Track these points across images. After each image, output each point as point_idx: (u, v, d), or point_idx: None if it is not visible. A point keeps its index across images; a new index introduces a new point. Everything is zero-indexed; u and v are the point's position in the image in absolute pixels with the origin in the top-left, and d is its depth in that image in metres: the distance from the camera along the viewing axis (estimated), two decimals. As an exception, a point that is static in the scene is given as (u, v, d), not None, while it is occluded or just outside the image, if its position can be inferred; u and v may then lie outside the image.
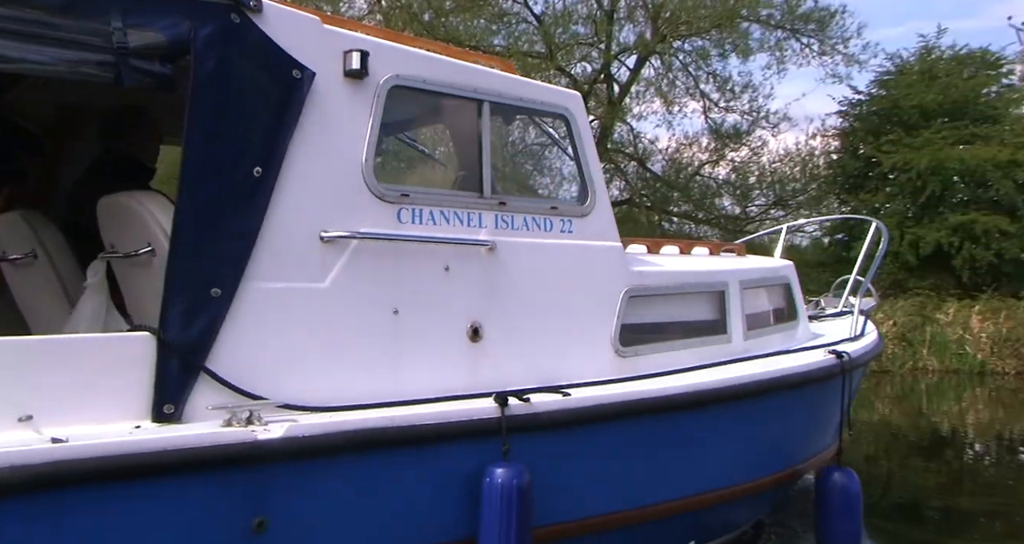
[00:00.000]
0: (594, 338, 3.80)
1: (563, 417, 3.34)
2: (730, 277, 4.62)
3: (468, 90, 3.50)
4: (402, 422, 2.94)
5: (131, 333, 2.72)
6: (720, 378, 4.05)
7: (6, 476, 2.17)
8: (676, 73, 22.32)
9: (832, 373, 4.72)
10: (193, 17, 2.69)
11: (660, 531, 3.94)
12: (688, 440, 3.93)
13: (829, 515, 4.65)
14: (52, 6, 2.45)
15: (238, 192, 2.80)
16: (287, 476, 2.72)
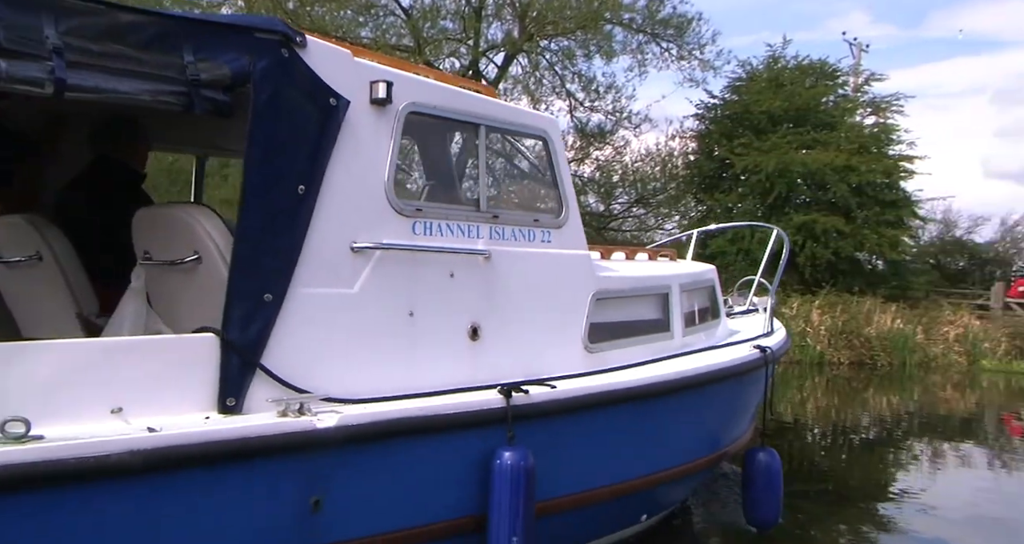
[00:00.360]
0: (568, 336, 4.25)
1: (555, 407, 3.81)
2: (672, 281, 5.17)
3: (469, 115, 3.89)
4: (430, 412, 3.36)
5: (199, 334, 2.98)
6: (676, 371, 4.63)
7: (122, 460, 2.51)
8: (543, 72, 22.73)
9: (757, 365, 5.39)
10: (251, 51, 3.00)
11: (625, 506, 4.56)
12: (650, 425, 4.47)
13: (755, 489, 5.29)
14: (137, 43, 2.74)
15: (286, 209, 3.12)
16: (338, 460, 3.07)
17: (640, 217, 24.66)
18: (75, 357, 2.71)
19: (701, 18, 21.71)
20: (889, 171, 22.58)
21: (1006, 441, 11.21)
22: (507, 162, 4.44)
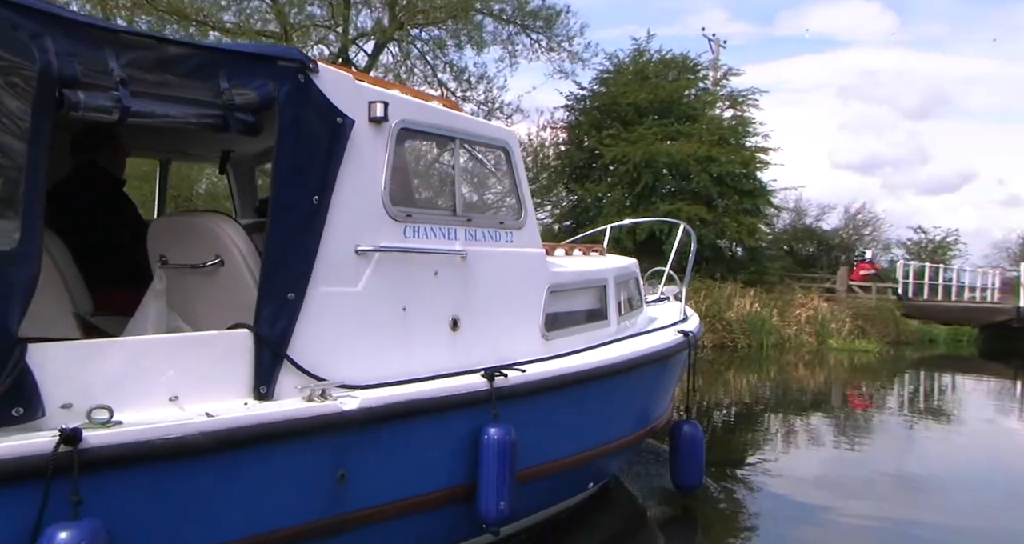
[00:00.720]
0: (529, 325, 4.75)
1: (529, 388, 4.32)
2: (608, 274, 5.70)
3: (447, 130, 4.34)
4: (434, 394, 3.83)
5: (235, 330, 3.33)
6: (623, 354, 5.23)
7: (196, 440, 2.89)
8: (414, 61, 22.58)
9: (682, 348, 6.12)
10: (275, 78, 3.37)
11: (582, 474, 5.17)
12: (603, 402, 5.07)
13: (681, 457, 5.95)
14: (182, 72, 3.10)
15: (305, 217, 3.50)
16: (359, 438, 3.49)
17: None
18: (141, 352, 3.08)
19: (569, 11, 22.14)
20: (746, 162, 23.78)
21: (850, 412, 12.18)
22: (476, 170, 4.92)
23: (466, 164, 4.75)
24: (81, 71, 2.80)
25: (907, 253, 35.86)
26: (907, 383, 16.52)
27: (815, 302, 22.80)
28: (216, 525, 3.05)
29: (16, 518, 2.54)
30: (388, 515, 3.68)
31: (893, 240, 37.85)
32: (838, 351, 20.68)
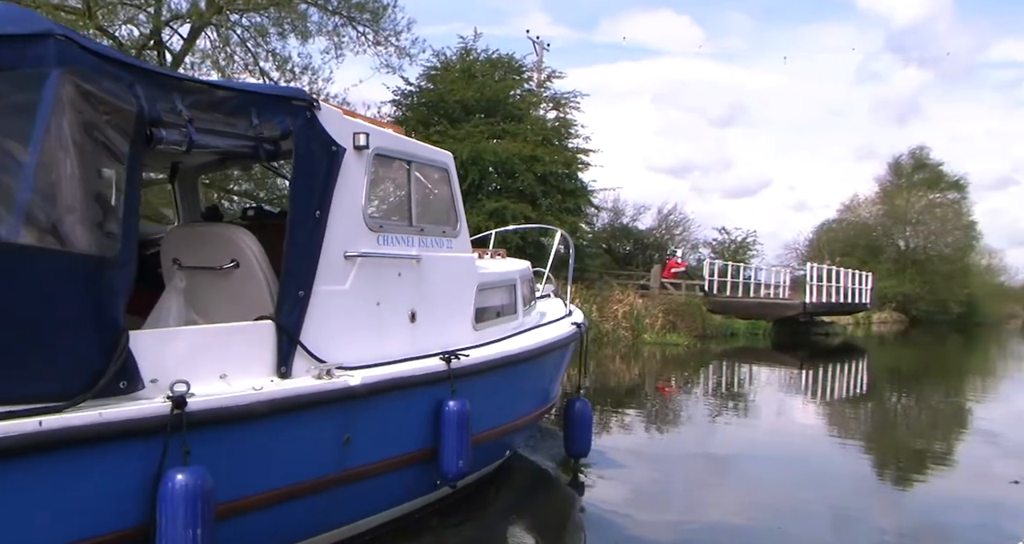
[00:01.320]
0: (464, 318, 5.70)
1: (476, 370, 5.30)
2: (515, 275, 6.71)
3: (406, 155, 5.25)
4: (414, 373, 4.80)
5: (261, 321, 4.12)
6: (538, 341, 6.37)
7: (259, 407, 3.75)
8: (234, 48, 21.62)
9: (576, 337, 7.37)
10: (291, 114, 4.22)
11: (505, 442, 6.27)
12: (525, 381, 6.28)
13: (573, 428, 7.14)
14: (226, 111, 3.91)
15: (311, 229, 4.32)
16: (361, 408, 4.38)
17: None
18: (199, 339, 3.85)
19: (396, 5, 21.98)
20: (569, 162, 24.68)
21: (662, 400, 13.00)
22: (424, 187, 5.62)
23: (417, 182, 5.43)
24: (162, 112, 3.57)
25: (712, 252, 38.59)
26: (711, 373, 17.81)
27: (631, 298, 24.00)
28: (270, 474, 3.94)
29: (142, 464, 3.34)
30: (378, 471, 4.66)
31: (700, 240, 40.64)
32: (651, 344, 21.92)
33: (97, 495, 3.25)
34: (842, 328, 34.71)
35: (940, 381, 19.27)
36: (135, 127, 3.40)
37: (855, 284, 34.04)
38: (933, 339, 36.80)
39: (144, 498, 3.34)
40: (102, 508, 3.27)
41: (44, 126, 3.06)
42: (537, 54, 30.33)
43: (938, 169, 52.70)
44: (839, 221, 53.01)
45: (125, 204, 3.34)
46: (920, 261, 49.18)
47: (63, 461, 3.13)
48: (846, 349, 28.04)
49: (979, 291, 53.20)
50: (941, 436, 11.08)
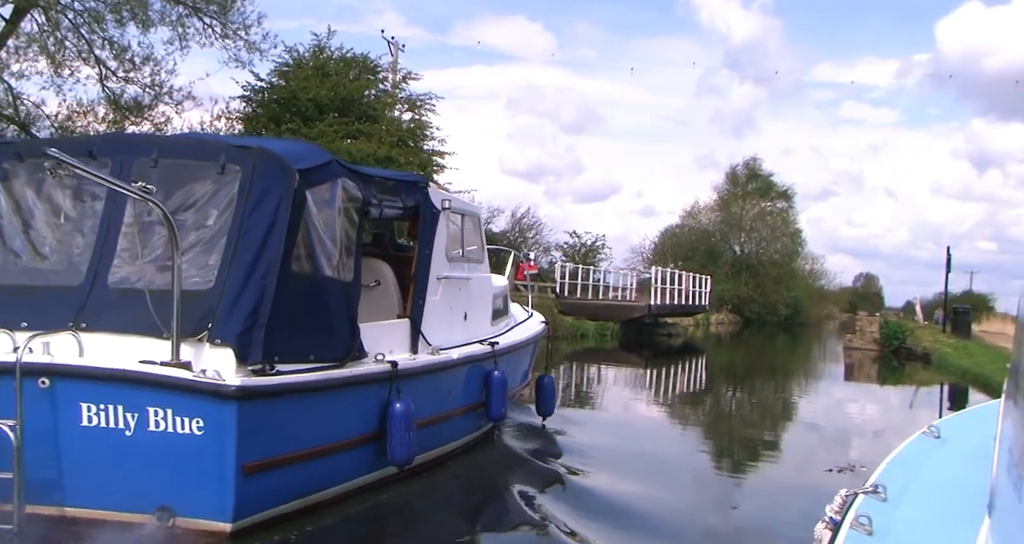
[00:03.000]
0: (487, 316, 8.41)
1: (505, 351, 8.04)
2: (505, 286, 9.74)
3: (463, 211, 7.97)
4: (478, 352, 7.48)
5: (402, 319, 6.65)
6: (528, 333, 9.37)
7: (421, 368, 6.38)
8: (66, 33, 20.20)
9: (544, 332, 10.34)
10: (419, 192, 6.87)
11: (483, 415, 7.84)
12: (525, 359, 9.34)
13: (542, 396, 9.39)
14: (390, 191, 6.47)
15: (426, 262, 6.82)
16: (455, 373, 7.03)
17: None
18: (381, 329, 6.26)
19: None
20: (424, 164, 24.64)
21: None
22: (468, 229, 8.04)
23: (466, 228, 7.95)
24: (369, 197, 6.11)
25: (563, 255, 39.69)
26: (562, 374, 18.37)
27: (485, 300, 24.25)
28: (431, 406, 6.48)
29: (377, 400, 5.81)
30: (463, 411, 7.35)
31: (552, 243, 41.69)
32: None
33: (359, 412, 5.80)
34: (684, 329, 36.62)
35: (769, 378, 20.76)
36: (361, 207, 6.02)
37: (695, 287, 36.02)
38: (764, 338, 39.51)
39: (380, 415, 5.87)
40: (362, 419, 5.81)
41: (334, 207, 5.69)
42: (392, 55, 30.09)
43: (769, 179, 56.58)
44: (681, 227, 55.86)
45: (356, 252, 5.94)
46: (753, 265, 52.63)
47: (344, 393, 5.64)
48: (687, 349, 29.62)
49: (803, 294, 57.54)
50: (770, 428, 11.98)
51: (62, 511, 4.68)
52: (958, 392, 17.63)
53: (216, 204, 5.14)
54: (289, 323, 5.10)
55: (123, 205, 5.18)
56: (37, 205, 5.44)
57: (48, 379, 4.65)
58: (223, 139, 6.49)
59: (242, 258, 4.96)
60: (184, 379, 4.59)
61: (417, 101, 26.14)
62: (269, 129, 23.32)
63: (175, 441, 4.60)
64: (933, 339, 27.13)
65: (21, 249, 5.41)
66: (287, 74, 24.05)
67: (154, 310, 4.73)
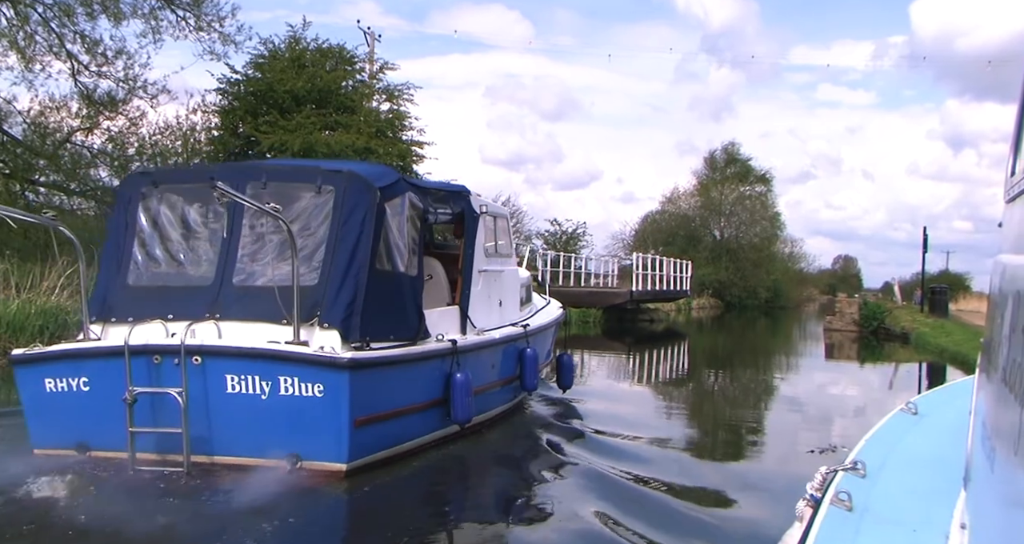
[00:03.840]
0: (517, 304, 9.86)
1: (535, 332, 9.57)
2: (528, 277, 11.17)
3: (496, 213, 9.53)
4: (514, 333, 9.01)
5: (453, 306, 8.08)
6: (551, 317, 10.80)
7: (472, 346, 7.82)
8: (36, 26, 19.95)
9: (563, 316, 11.86)
10: (464, 200, 8.41)
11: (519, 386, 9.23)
12: (549, 338, 10.71)
13: (562, 371, 10.55)
14: (443, 200, 8.10)
15: (470, 258, 8.29)
16: (496, 349, 8.48)
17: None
18: (440, 313, 7.71)
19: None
20: (403, 155, 24.52)
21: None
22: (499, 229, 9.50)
23: (499, 227, 9.37)
24: (427, 206, 7.59)
25: (545, 243, 39.72)
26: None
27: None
28: (481, 377, 7.78)
29: (441, 371, 7.15)
30: (503, 383, 8.70)
31: (534, 231, 41.69)
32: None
33: (430, 380, 7.08)
34: (665, 314, 36.83)
35: (751, 361, 20.95)
36: (421, 214, 7.50)
37: (676, 272, 36.20)
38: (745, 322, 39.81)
39: (445, 383, 7.18)
40: (432, 386, 7.10)
41: (403, 216, 7.08)
42: (369, 45, 29.89)
43: (747, 164, 56.92)
44: (661, 212, 56.07)
45: (419, 251, 7.38)
46: (733, 250, 52.95)
47: (419, 365, 6.97)
48: (669, 334, 29.82)
49: (783, 277, 58.03)
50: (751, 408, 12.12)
51: (212, 459, 5.99)
52: (936, 370, 17.91)
53: (316, 217, 6.54)
54: (376, 310, 6.44)
55: (241, 220, 6.60)
56: (171, 221, 6.84)
57: (200, 357, 5.93)
58: (319, 164, 7.44)
59: (339, 260, 6.35)
60: (308, 354, 5.91)
61: (395, 91, 25.95)
62: (246, 122, 23.14)
63: (301, 402, 5.85)
64: (911, 319, 27.48)
65: (160, 257, 6.82)
66: (263, 66, 23.83)
67: (280, 301, 6.09)
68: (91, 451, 6.14)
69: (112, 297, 6.72)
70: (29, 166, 20.62)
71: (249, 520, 5.00)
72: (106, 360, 6.03)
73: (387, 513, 5.57)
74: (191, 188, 6.88)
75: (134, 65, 21.19)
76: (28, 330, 12.78)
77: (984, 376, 2.42)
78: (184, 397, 5.84)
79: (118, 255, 6.84)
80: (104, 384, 5.99)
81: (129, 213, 6.91)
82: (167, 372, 5.92)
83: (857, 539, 2.31)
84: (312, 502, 5.51)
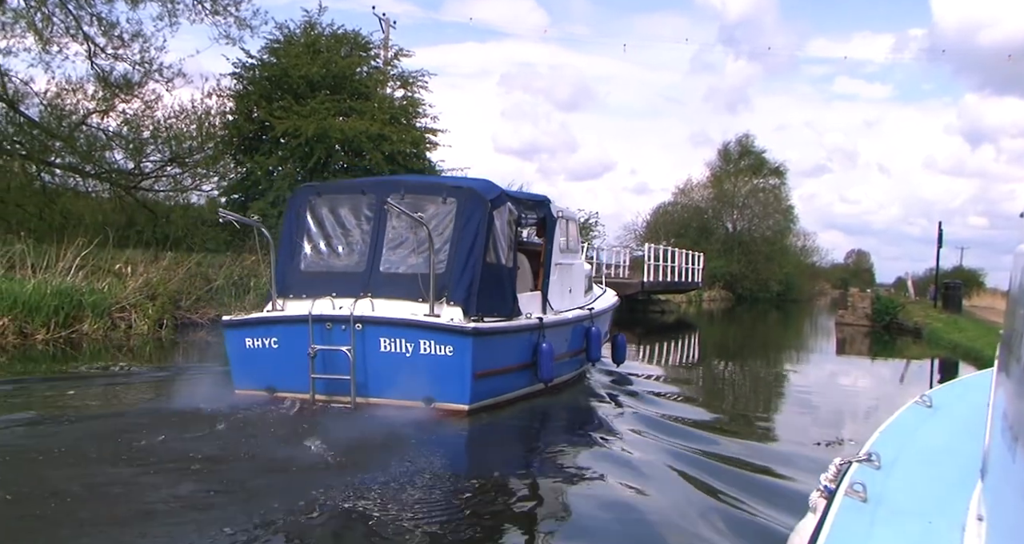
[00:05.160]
0: (582, 292, 11.71)
1: (599, 314, 11.55)
2: (590, 271, 13.19)
3: (567, 216, 11.34)
4: (584, 314, 10.92)
5: (535, 292, 9.92)
6: (609, 303, 12.86)
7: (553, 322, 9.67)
8: (52, 9, 20.00)
9: (618, 303, 13.76)
10: (547, 208, 10.31)
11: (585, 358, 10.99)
12: (608, 320, 12.73)
13: (618, 350, 12.19)
14: (530, 208, 10.26)
15: (551, 254, 10.13)
16: (569, 328, 10.27)
17: (175, 177, 23.28)
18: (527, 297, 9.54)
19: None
20: (417, 142, 24.50)
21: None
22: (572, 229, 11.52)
23: (569, 226, 11.04)
24: (520, 212, 9.63)
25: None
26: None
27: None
28: (561, 347, 9.68)
29: (531, 341, 9.03)
30: (571, 355, 10.39)
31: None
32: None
33: (523, 347, 8.86)
34: (676, 306, 36.77)
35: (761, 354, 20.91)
36: (516, 219, 9.35)
37: (688, 264, 36.10)
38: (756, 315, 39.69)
39: (533, 350, 8.92)
40: (524, 352, 8.87)
41: (504, 221, 8.98)
42: (383, 31, 29.83)
43: (761, 156, 56.57)
44: (674, 204, 55.87)
45: (514, 248, 9.22)
46: (745, 242, 52.74)
47: (516, 336, 8.79)
48: (680, 326, 29.77)
49: (795, 270, 57.78)
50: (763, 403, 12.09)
51: (369, 400, 7.89)
52: (948, 366, 17.81)
53: (442, 221, 8.44)
54: (486, 292, 8.37)
55: (384, 221, 8.55)
56: (331, 222, 8.77)
57: (361, 325, 7.86)
58: (443, 181, 10.59)
59: (460, 254, 8.32)
60: (442, 324, 7.81)
61: (409, 78, 25.90)
62: (260, 107, 23.15)
63: (436, 359, 7.73)
64: (924, 314, 27.33)
65: (324, 250, 8.78)
66: (278, 51, 23.83)
67: (420, 284, 8.09)
68: (277, 392, 8.08)
69: (289, 279, 8.68)
70: (45, 148, 20.75)
71: (396, 442, 6.74)
72: (290, 325, 8.07)
73: (495, 442, 7.61)
74: (346, 197, 8.92)
75: (150, 48, 21.30)
76: (44, 310, 12.89)
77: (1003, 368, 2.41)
78: (352, 353, 7.78)
79: (291, 248, 8.81)
80: (289, 343, 7.99)
81: (300, 216, 8.86)
82: (337, 335, 7.87)
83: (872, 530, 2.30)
84: (442, 431, 7.37)
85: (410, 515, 4.96)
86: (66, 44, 20.42)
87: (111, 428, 6.91)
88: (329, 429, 6.95)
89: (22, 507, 4.84)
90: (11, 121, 20.42)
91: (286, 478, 5.59)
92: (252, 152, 23.38)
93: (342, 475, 5.67)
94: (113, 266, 15.32)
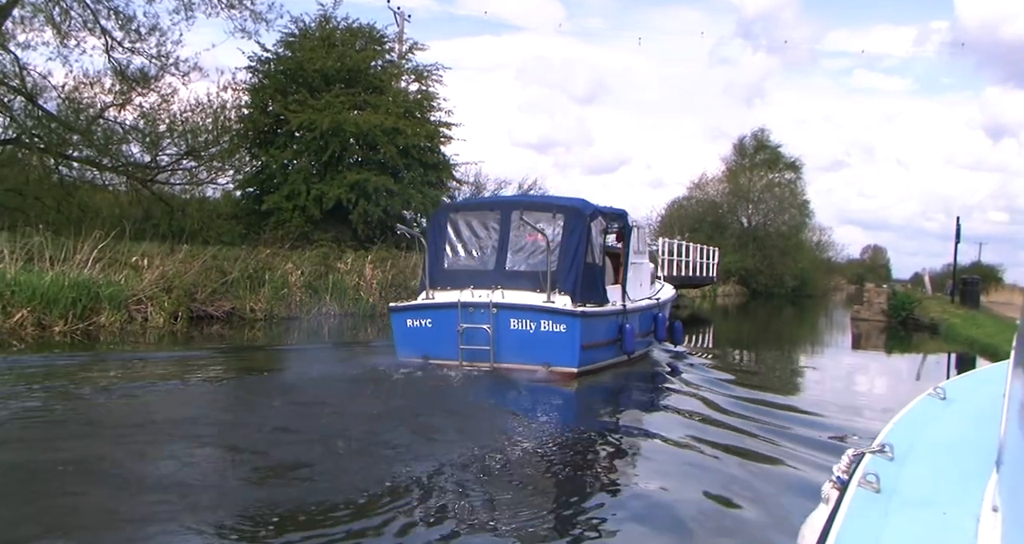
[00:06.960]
0: (648, 285, 14.66)
1: (664, 304, 15.02)
2: (654, 269, 16.32)
3: (638, 224, 14.88)
4: (652, 304, 13.90)
5: (616, 285, 12.44)
6: (670, 294, 16.09)
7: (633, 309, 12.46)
8: (71, 2, 20.13)
9: (676, 295, 18.19)
10: (624, 219, 13.08)
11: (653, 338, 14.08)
12: (669, 308, 16.01)
13: (674, 332, 14.19)
14: (613, 220, 12.86)
15: (627, 255, 13.02)
16: (642, 314, 13.04)
17: (191, 170, 23.41)
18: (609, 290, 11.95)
19: (252, -33, 21.09)
20: (431, 135, 24.54)
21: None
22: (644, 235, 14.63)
23: (641, 233, 13.98)
24: (606, 223, 12.39)
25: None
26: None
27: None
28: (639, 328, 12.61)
29: (617, 322, 11.73)
30: (643, 337, 13.08)
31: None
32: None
33: (612, 327, 11.54)
34: (691, 300, 36.62)
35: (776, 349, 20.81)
36: (605, 229, 12.19)
37: (703, 259, 35.94)
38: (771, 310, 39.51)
39: (619, 329, 11.62)
40: (613, 330, 11.53)
41: (597, 230, 11.53)
42: (398, 25, 29.86)
43: (776, 150, 56.19)
44: (688, 198, 55.63)
45: (603, 251, 11.91)
46: (760, 237, 52.49)
47: (607, 318, 11.39)
48: (694, 321, 29.66)
49: (810, 266, 57.42)
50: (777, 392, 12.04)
51: (501, 365, 10.25)
52: (965, 361, 17.67)
53: (553, 231, 10.80)
54: (586, 285, 10.85)
55: (508, 231, 11.05)
56: (468, 233, 11.33)
57: (496, 309, 10.25)
58: (552, 199, 12.85)
59: (567, 256, 10.79)
60: (558, 308, 10.23)
61: (423, 72, 25.92)
62: (276, 100, 23.24)
63: (552, 335, 10.14)
64: (941, 310, 27.12)
65: (461, 254, 11.32)
66: (293, 45, 23.92)
67: (534, 279, 10.60)
68: (431, 359, 10.45)
69: (436, 275, 11.17)
70: (63, 141, 20.90)
71: (523, 394, 9.40)
72: (440, 310, 10.54)
73: (596, 397, 10.09)
74: (477, 213, 11.58)
75: (166, 42, 21.41)
76: (62, 302, 13.00)
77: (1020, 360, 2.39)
78: (491, 330, 10.22)
79: (437, 252, 11.33)
80: (440, 322, 10.47)
81: (442, 228, 11.40)
82: (479, 316, 10.31)
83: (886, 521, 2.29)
84: (556, 389, 9.94)
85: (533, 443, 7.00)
86: (83, 38, 20.58)
87: (343, 388, 9.41)
88: (474, 384, 9.60)
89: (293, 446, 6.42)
90: (30, 114, 20.58)
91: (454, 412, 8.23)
92: (267, 146, 23.47)
93: (493, 415, 8.24)
94: (130, 259, 15.42)
